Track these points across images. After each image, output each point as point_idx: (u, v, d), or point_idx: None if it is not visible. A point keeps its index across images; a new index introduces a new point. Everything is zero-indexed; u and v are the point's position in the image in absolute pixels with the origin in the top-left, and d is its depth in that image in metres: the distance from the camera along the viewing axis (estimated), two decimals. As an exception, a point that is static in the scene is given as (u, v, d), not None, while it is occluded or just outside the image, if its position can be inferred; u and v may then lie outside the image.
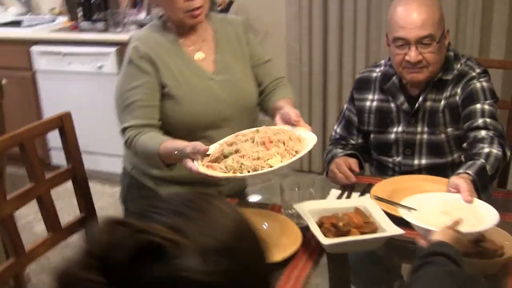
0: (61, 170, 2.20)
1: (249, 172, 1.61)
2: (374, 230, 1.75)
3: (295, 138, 1.73)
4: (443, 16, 2.15)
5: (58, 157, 4.48)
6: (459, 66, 2.18)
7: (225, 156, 1.70)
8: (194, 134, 2.06)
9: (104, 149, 4.16)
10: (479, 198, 1.78)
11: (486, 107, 2.07)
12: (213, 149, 1.77)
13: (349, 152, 2.26)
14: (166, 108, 2.06)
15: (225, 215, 0.82)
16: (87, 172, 2.25)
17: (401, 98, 2.21)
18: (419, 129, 2.20)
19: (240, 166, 1.62)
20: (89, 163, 4.34)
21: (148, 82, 2.02)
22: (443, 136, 2.16)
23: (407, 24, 2.07)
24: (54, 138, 4.26)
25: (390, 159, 2.27)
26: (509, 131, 2.53)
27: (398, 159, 2.25)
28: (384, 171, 2.32)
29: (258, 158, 1.62)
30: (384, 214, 1.79)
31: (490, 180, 1.91)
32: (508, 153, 2.03)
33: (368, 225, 1.77)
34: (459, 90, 2.14)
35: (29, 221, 3.67)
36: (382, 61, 2.34)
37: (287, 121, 1.89)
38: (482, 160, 1.90)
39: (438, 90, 2.17)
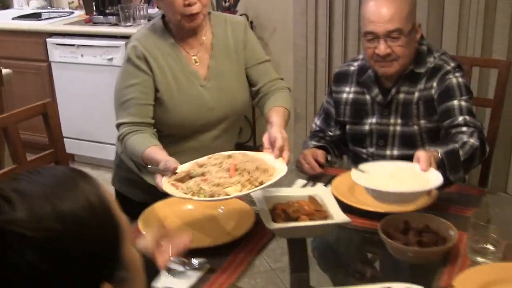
0: (43, 154, 2.30)
1: (205, 197, 1.62)
2: (324, 218, 1.80)
3: (262, 169, 1.70)
4: (414, 11, 2.20)
5: (71, 146, 4.62)
6: (432, 59, 2.22)
7: (191, 177, 1.72)
8: (183, 136, 2.15)
9: (113, 138, 4.26)
10: (449, 180, 1.88)
11: (463, 103, 2.11)
12: (185, 167, 1.79)
13: (318, 144, 2.32)
14: (156, 111, 2.15)
15: (79, 190, 0.85)
16: (96, 160, 2.36)
17: (375, 91, 2.26)
18: (392, 120, 2.24)
19: (199, 190, 1.63)
20: (99, 152, 4.53)
21: (145, 81, 2.12)
22: (415, 128, 2.20)
23: (376, 18, 2.12)
24: (66, 127, 4.45)
25: (364, 150, 2.32)
26: (493, 128, 2.55)
27: (372, 150, 2.30)
28: (359, 162, 2.35)
29: (218, 185, 1.63)
30: (336, 203, 1.84)
31: (462, 165, 1.96)
32: (487, 148, 2.06)
33: (319, 213, 1.82)
34: (434, 84, 2.18)
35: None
36: (360, 56, 2.39)
37: (273, 145, 1.86)
38: (456, 145, 1.96)
39: (411, 82, 2.21)
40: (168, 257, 1.45)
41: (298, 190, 1.98)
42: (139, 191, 2.22)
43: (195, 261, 1.71)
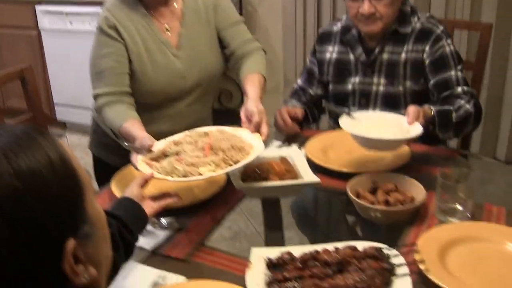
0: (22, 118, 2.31)
1: (179, 177, 1.57)
2: (294, 179, 1.80)
3: (238, 147, 1.66)
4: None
5: (62, 113, 4.64)
6: (416, 19, 2.21)
7: (166, 156, 1.69)
8: (157, 104, 2.14)
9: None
10: (437, 138, 1.98)
11: (459, 74, 2.15)
12: (161, 145, 1.74)
13: (296, 104, 2.31)
14: (129, 81, 2.12)
15: (38, 147, 0.82)
16: (85, 127, 2.35)
17: (359, 50, 2.26)
18: (375, 80, 2.24)
19: (173, 170, 1.58)
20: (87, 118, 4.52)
21: (119, 50, 2.08)
22: (400, 88, 2.20)
23: None
24: (58, 94, 4.47)
25: (347, 110, 2.31)
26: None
27: (354, 108, 2.29)
28: None
29: (192, 164, 1.58)
30: (306, 164, 1.84)
31: (454, 126, 2.02)
32: (481, 117, 2.13)
33: (289, 173, 1.82)
34: (427, 48, 2.17)
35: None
36: (344, 16, 2.37)
37: (250, 120, 1.84)
38: (451, 107, 2.02)
39: (396, 42, 2.21)
40: (152, 210, 1.56)
41: (270, 150, 1.97)
42: (115, 156, 2.21)
43: (163, 220, 1.72)
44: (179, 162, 1.60)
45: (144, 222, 1.50)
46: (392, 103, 2.23)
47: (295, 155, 1.91)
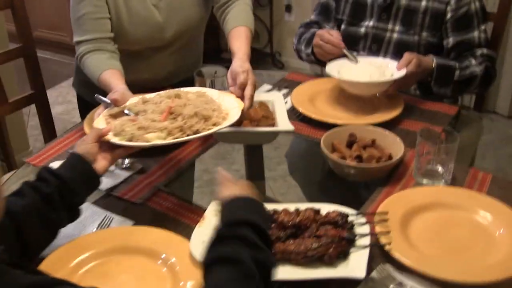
0: (11, 48, 2.23)
1: (124, 140, 1.39)
2: (271, 126, 1.69)
3: (203, 115, 1.44)
4: None
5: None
6: None
7: (127, 114, 1.52)
8: (139, 53, 2.01)
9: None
10: (430, 90, 1.94)
11: (482, 35, 2.03)
12: (133, 101, 1.57)
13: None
14: None
15: None
16: None
17: None
18: (390, 26, 2.08)
19: (121, 131, 1.41)
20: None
21: None
22: (416, 38, 2.04)
23: None
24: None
25: (355, 53, 2.16)
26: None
27: (363, 54, 2.14)
28: None
29: (142, 128, 1.40)
30: (285, 112, 1.72)
31: (453, 84, 1.94)
32: (493, 81, 2.03)
33: (266, 119, 1.71)
34: (452, 1, 2.00)
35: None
36: None
37: (235, 81, 1.67)
38: (457, 64, 1.93)
39: None
40: (107, 163, 1.36)
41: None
42: (93, 93, 2.10)
43: (126, 161, 1.65)
44: (131, 123, 1.42)
45: (94, 181, 1.33)
46: (404, 53, 2.07)
47: (277, 101, 1.79)
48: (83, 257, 1.26)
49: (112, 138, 1.37)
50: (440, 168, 1.51)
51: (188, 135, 1.39)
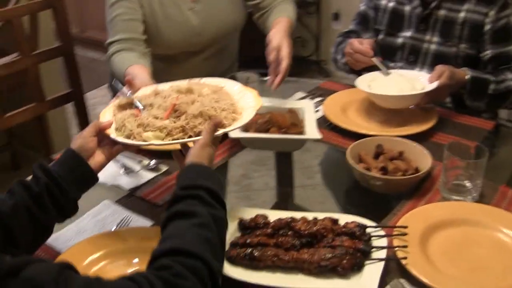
0: (51, 47, 2.28)
1: (123, 136, 1.31)
2: (299, 133, 1.68)
3: (208, 115, 1.31)
4: None
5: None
6: None
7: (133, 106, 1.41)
8: (174, 57, 2.03)
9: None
10: (463, 103, 1.89)
11: None
12: (147, 91, 1.48)
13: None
14: None
15: None
16: None
17: (416, 2, 2.06)
18: (427, 37, 2.05)
19: (122, 126, 1.32)
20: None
21: None
22: (454, 49, 2.00)
23: None
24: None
25: (392, 64, 2.13)
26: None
27: (400, 64, 2.11)
28: None
29: (142, 125, 1.30)
30: (314, 120, 1.71)
31: (487, 98, 1.91)
32: None
33: (294, 127, 1.70)
34: (492, 13, 1.96)
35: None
36: None
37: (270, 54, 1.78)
38: (492, 78, 1.89)
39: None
40: (105, 159, 1.30)
41: (280, 101, 1.84)
42: None
43: (152, 162, 1.66)
44: (133, 117, 1.33)
45: (87, 178, 1.26)
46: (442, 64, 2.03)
47: (307, 109, 1.78)
48: (96, 256, 1.27)
49: (111, 133, 1.30)
50: (468, 184, 1.47)
51: (190, 137, 1.28)
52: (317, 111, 1.89)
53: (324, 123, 1.86)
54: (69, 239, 1.34)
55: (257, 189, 1.82)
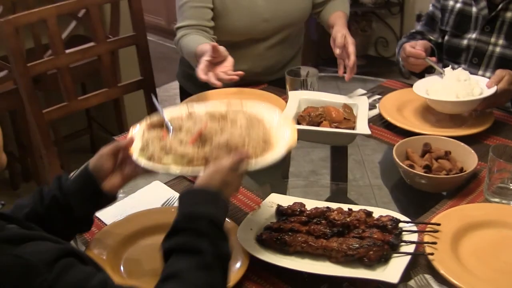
0: (125, 36, 2.41)
1: (144, 157, 1.25)
2: (350, 128, 1.71)
3: (232, 146, 1.22)
4: None
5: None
6: None
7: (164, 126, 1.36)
8: (239, 44, 2.10)
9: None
10: None
11: None
12: (181, 112, 1.40)
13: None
14: None
15: None
16: None
17: (483, 3, 2.02)
18: (493, 39, 2.01)
19: (146, 147, 1.27)
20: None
21: None
22: None
23: None
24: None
25: (456, 66, 2.12)
26: None
27: (464, 66, 2.09)
28: None
29: (164, 149, 1.25)
30: (366, 116, 1.73)
31: None
32: None
33: (347, 122, 1.73)
34: None
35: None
36: None
37: (335, 43, 1.92)
38: None
39: None
40: (121, 181, 1.25)
41: (337, 96, 1.87)
42: (196, 87, 2.20)
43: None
44: (159, 141, 1.28)
45: (98, 198, 1.23)
46: (506, 68, 1.98)
47: (361, 105, 1.80)
48: (137, 229, 1.35)
49: (134, 152, 1.25)
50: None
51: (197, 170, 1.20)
52: (372, 108, 1.91)
53: (379, 120, 1.88)
54: (117, 214, 1.43)
55: (324, 186, 1.87)
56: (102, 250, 1.30)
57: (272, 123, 1.35)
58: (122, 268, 1.28)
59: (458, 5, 2.10)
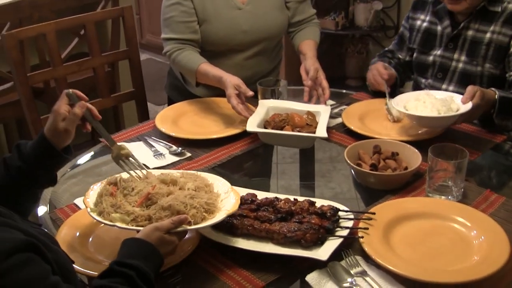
0: (118, 50, 2.59)
1: (94, 213, 1.40)
2: (311, 132, 1.86)
3: (175, 210, 1.35)
4: None
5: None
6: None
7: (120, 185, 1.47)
8: (218, 54, 2.30)
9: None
10: (493, 122, 1.94)
11: None
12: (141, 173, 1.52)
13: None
14: None
15: None
16: None
17: (446, 22, 2.19)
18: (455, 55, 2.17)
19: (99, 201, 1.42)
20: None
21: (186, 1, 2.22)
22: (479, 69, 2.11)
23: None
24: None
25: (423, 80, 2.28)
26: None
27: (430, 81, 2.25)
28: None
29: (114, 206, 1.38)
30: (326, 122, 1.89)
31: None
32: None
33: (308, 127, 1.89)
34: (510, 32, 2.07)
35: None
36: None
37: (307, 74, 2.10)
38: None
39: (484, 20, 2.10)
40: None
41: (301, 104, 2.03)
42: (182, 98, 2.33)
43: (179, 149, 1.89)
44: (111, 197, 1.42)
45: (56, 160, 1.42)
46: (467, 82, 2.11)
47: (323, 112, 1.96)
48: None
49: (88, 208, 1.40)
50: (450, 183, 1.59)
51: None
52: (337, 117, 2.07)
53: (342, 127, 2.03)
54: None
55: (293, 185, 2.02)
56: (74, 230, 1.50)
57: (221, 191, 1.49)
58: (90, 239, 1.49)
59: (425, 24, 2.27)
